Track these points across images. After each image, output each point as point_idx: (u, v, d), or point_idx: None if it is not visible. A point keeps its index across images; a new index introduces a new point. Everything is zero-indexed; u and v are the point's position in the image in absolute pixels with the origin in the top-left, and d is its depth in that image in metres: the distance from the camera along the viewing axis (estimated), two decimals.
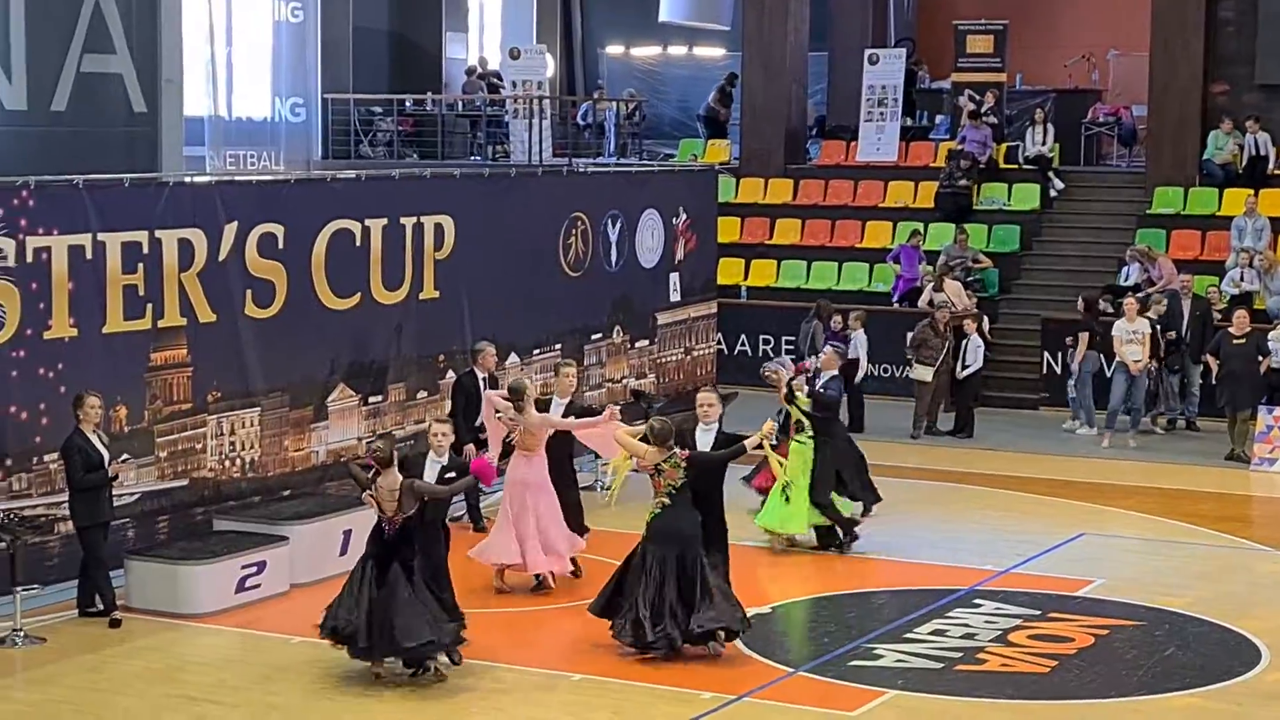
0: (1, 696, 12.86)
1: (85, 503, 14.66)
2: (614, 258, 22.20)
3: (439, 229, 19.23)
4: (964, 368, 23.70)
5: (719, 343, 25.13)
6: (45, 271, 15.16)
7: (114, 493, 15.02)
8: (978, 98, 29.31)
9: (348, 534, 16.37)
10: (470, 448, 17.86)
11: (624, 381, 22.32)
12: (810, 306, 24.60)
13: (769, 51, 30.54)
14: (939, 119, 31.94)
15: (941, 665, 13.78)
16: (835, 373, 18.09)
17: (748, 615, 13.96)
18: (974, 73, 29.97)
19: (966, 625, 14.92)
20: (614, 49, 39.32)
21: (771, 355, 26.94)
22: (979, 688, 13.28)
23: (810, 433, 17.43)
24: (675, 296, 23.39)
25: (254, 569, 15.42)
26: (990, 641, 14.46)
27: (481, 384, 18.03)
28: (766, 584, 16.26)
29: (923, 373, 23.64)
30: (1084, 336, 23.62)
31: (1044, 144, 28.72)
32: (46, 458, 15.14)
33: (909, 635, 14.57)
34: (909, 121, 31.56)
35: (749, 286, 28.66)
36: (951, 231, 27.41)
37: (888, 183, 29.56)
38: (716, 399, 15.02)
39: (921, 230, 27.31)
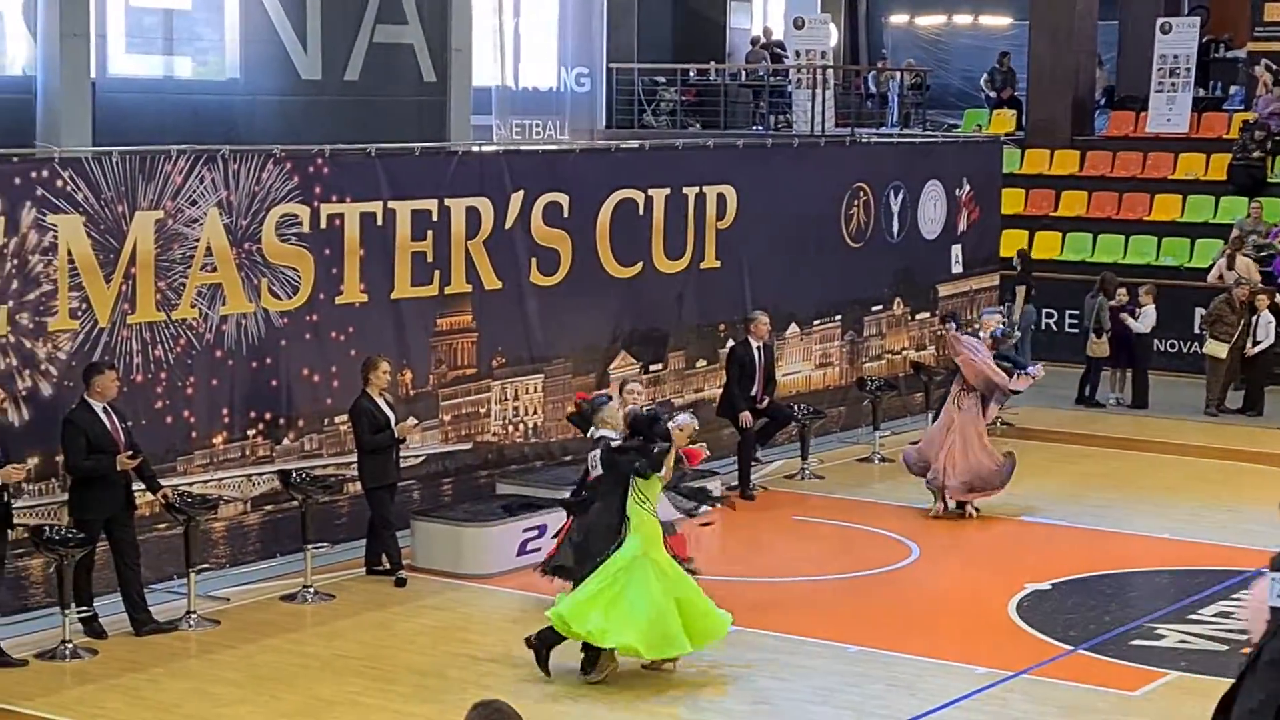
0: (292, 650, 13.24)
1: (373, 464, 15.01)
2: (895, 229, 22.05)
3: (721, 199, 19.28)
4: (1254, 344, 23.10)
5: (1002, 316, 24.73)
6: (338, 238, 15.54)
7: (400, 454, 15.37)
8: (1275, 67, 28.46)
9: None
10: (746, 415, 17.96)
11: (903, 354, 22.20)
12: (1095, 280, 24.17)
13: (1057, 20, 30.01)
14: (1234, 89, 31.10)
15: (1226, 647, 13.44)
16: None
17: None
18: (1271, 41, 29.12)
19: None
20: (898, 18, 39.02)
21: (1055, 329, 26.59)
22: None
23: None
24: (957, 268, 23.16)
25: (535, 533, 15.63)
26: None
27: (756, 353, 18.08)
28: (1046, 560, 16.05)
29: (1217, 349, 23.08)
30: (1020, 290, 23.30)
31: None
32: (336, 419, 15.54)
33: (1193, 616, 14.27)
34: (1202, 92, 30.77)
35: (1033, 259, 28.22)
36: (1244, 205, 26.69)
37: (1178, 154, 28.87)
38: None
39: None
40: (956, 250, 23.07)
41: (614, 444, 13.04)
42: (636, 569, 12.36)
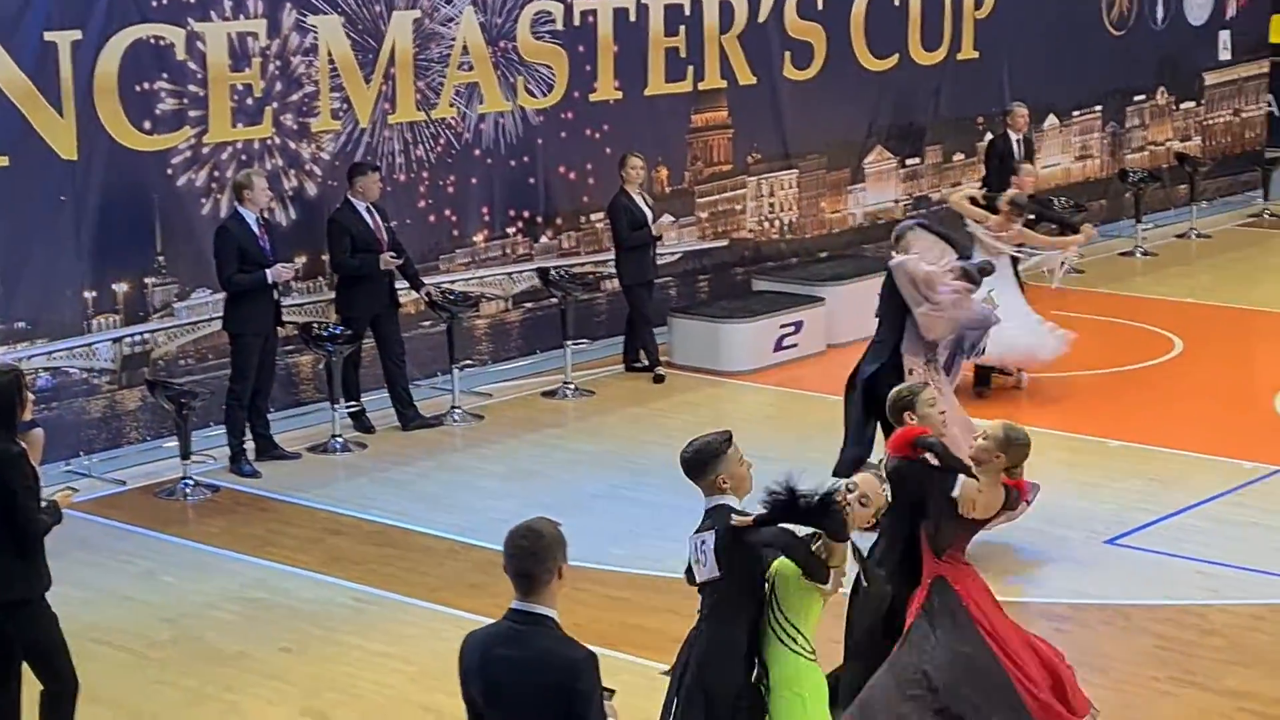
0: (553, 445, 13.46)
1: (630, 261, 15.09)
2: (1159, 14, 21.40)
3: None
4: None
5: (1270, 105, 24.02)
6: (591, 34, 15.52)
7: (657, 252, 15.42)
8: None
9: None
10: None
11: (1167, 145, 21.65)
12: None
13: None
14: None
15: None
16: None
17: None
18: None
19: None
20: None
21: None
22: None
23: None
24: (1225, 55, 22.44)
25: (791, 329, 15.66)
26: None
27: (1015, 146, 17.78)
28: None
29: None
30: None
31: None
32: (593, 217, 15.64)
33: None
34: None
35: None
36: None
37: None
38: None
39: None
40: (1225, 37, 22.34)
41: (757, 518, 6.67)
42: None
